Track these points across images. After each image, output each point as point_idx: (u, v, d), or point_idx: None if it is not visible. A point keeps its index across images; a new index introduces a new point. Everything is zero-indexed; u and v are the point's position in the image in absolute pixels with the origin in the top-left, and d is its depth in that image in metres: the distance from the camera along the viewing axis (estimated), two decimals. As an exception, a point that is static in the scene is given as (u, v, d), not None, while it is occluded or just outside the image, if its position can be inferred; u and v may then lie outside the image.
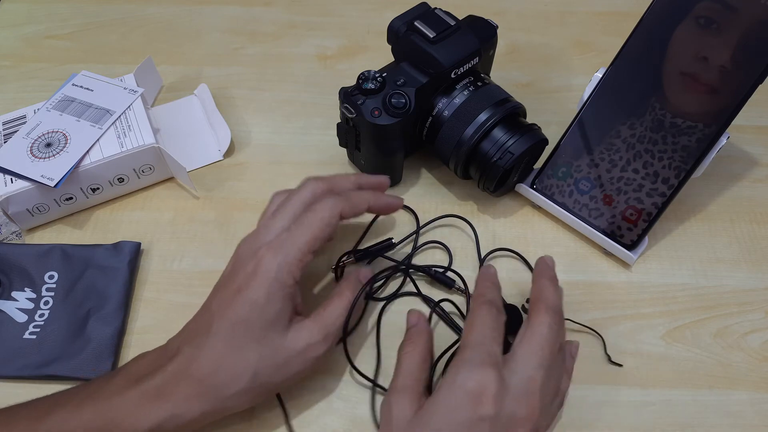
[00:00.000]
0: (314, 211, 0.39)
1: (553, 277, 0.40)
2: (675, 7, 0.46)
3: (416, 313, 0.41)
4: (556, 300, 0.38)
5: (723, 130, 0.45)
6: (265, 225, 0.40)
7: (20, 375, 0.42)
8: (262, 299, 0.37)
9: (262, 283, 0.37)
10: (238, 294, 0.37)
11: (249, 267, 0.38)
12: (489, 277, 0.40)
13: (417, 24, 0.47)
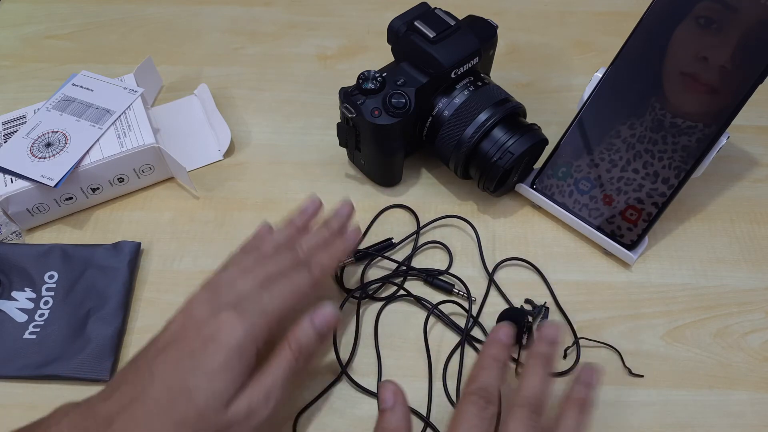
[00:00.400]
0: (290, 279, 0.37)
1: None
2: (675, 7, 0.46)
3: (391, 389, 0.35)
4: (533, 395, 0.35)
5: (723, 130, 0.45)
6: (230, 281, 0.37)
7: (20, 375, 0.42)
8: (217, 367, 0.33)
9: (221, 351, 0.33)
10: (190, 358, 0.33)
11: (207, 329, 0.34)
12: (493, 347, 0.36)
13: (417, 24, 0.47)
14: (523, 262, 0.48)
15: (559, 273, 0.47)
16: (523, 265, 0.48)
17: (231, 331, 0.34)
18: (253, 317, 0.35)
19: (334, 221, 0.44)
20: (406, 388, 0.42)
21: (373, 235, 0.50)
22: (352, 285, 0.47)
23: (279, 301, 0.36)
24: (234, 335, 0.34)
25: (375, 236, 0.49)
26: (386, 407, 0.35)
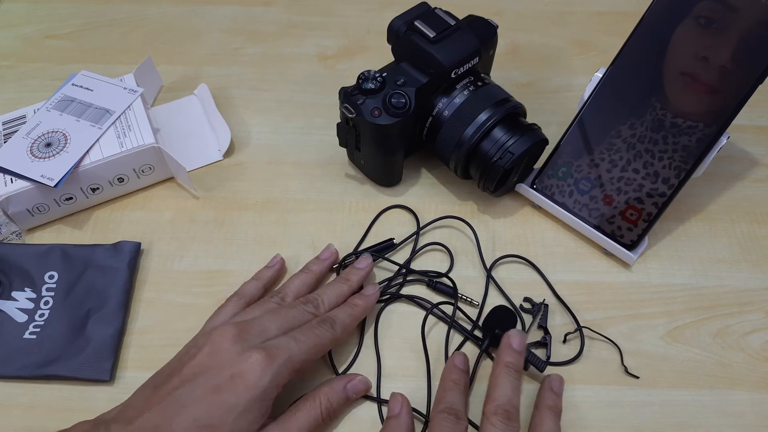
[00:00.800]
0: (316, 335, 0.39)
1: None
2: (675, 7, 0.46)
3: (398, 399, 0.39)
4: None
5: (723, 130, 0.45)
6: (261, 324, 0.39)
7: (20, 375, 0.42)
8: (242, 407, 0.34)
9: (249, 391, 0.35)
10: (217, 394, 0.34)
11: (236, 367, 0.35)
12: (452, 373, 0.39)
13: (417, 24, 0.47)
14: (522, 261, 0.48)
15: (559, 273, 0.47)
16: (523, 264, 0.48)
17: (260, 374, 0.35)
18: (280, 363, 0.36)
19: (354, 276, 0.44)
20: (407, 388, 0.42)
21: (373, 236, 0.50)
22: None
23: (305, 353, 0.38)
24: (263, 378, 0.35)
25: (375, 236, 0.49)
26: (392, 415, 0.38)
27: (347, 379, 0.41)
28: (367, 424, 0.41)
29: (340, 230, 0.50)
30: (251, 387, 0.35)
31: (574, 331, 0.44)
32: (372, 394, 0.42)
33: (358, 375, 0.42)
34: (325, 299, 0.42)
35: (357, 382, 0.41)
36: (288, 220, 0.51)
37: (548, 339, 0.43)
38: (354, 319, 0.42)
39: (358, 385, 0.41)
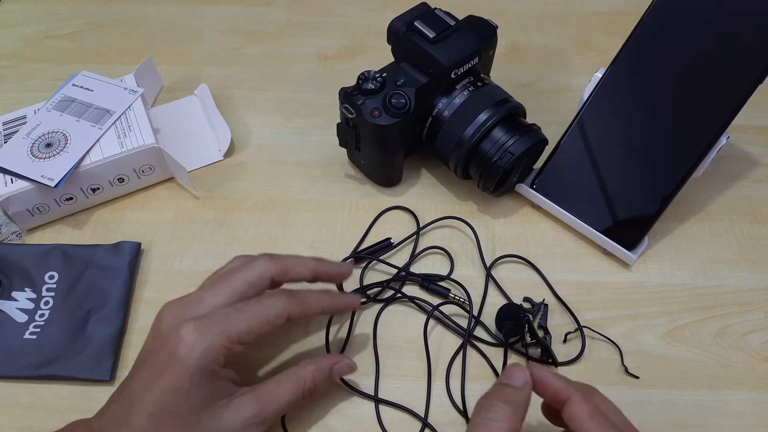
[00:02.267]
0: (261, 305, 0.36)
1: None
2: (675, 6, 0.46)
3: (523, 373, 0.34)
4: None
5: (723, 130, 0.45)
6: (199, 296, 0.36)
7: (20, 375, 0.42)
8: (185, 386, 0.33)
9: (184, 370, 0.33)
10: (159, 378, 0.33)
11: (170, 344, 0.34)
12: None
13: (417, 24, 0.47)
14: (522, 261, 0.48)
15: (559, 273, 0.47)
16: (522, 264, 0.48)
17: (190, 350, 0.33)
18: (213, 335, 0.34)
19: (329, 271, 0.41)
20: (406, 389, 0.42)
21: (373, 236, 0.50)
22: (352, 286, 0.47)
23: (245, 323, 0.35)
24: (193, 354, 0.33)
25: (375, 236, 0.49)
26: (514, 385, 0.33)
27: (334, 361, 0.39)
28: (367, 424, 0.41)
29: (340, 230, 0.50)
30: (185, 365, 0.33)
31: (575, 331, 0.44)
32: (370, 393, 0.42)
33: (345, 358, 0.40)
34: (295, 264, 0.39)
35: (344, 366, 0.40)
36: (288, 220, 0.51)
37: (548, 339, 0.43)
38: (318, 302, 0.38)
39: (344, 369, 0.40)
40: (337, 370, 0.39)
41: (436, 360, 0.43)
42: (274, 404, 0.36)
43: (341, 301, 0.41)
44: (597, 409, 0.32)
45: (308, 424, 0.41)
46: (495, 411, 0.32)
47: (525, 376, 0.33)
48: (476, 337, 0.44)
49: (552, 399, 0.34)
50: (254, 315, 0.35)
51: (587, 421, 0.31)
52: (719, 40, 0.45)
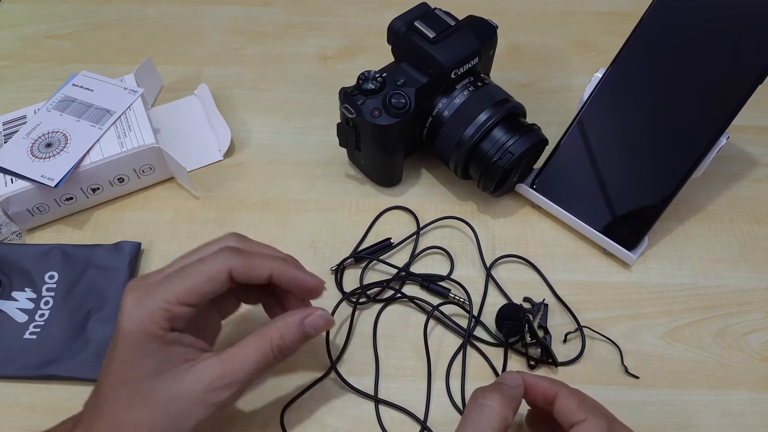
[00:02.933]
0: (201, 262, 0.34)
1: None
2: (675, 6, 0.46)
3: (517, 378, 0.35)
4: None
5: (723, 130, 0.45)
6: (155, 273, 0.36)
7: (20, 375, 0.42)
8: (131, 354, 0.32)
9: (126, 339, 0.33)
10: (112, 351, 0.33)
11: (118, 318, 0.33)
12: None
13: (417, 24, 0.47)
14: (521, 260, 0.48)
15: (559, 273, 0.47)
16: (522, 264, 0.48)
17: (127, 317, 0.33)
18: (149, 298, 0.33)
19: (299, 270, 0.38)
20: (406, 389, 0.42)
21: (373, 236, 0.50)
22: (351, 286, 0.47)
23: (182, 285, 0.34)
24: (130, 321, 0.33)
25: (375, 236, 0.49)
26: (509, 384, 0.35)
27: (304, 314, 0.36)
28: (367, 424, 0.41)
29: (340, 230, 0.50)
30: (125, 333, 0.33)
31: (575, 331, 0.44)
32: (369, 392, 0.42)
33: (318, 309, 0.37)
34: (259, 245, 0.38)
35: (316, 317, 0.36)
36: (288, 220, 0.51)
37: (548, 339, 0.43)
38: (266, 264, 0.36)
39: (316, 320, 0.36)
40: (310, 323, 0.36)
41: (436, 360, 0.43)
42: (238, 365, 0.34)
43: (293, 273, 0.37)
44: (584, 399, 0.34)
45: (308, 424, 0.41)
46: (489, 397, 0.33)
47: (518, 380, 0.35)
48: (476, 337, 0.44)
49: (542, 399, 0.35)
50: (193, 273, 0.34)
51: (576, 410, 0.33)
52: (719, 40, 0.45)
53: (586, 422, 0.32)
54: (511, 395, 0.34)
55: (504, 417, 0.32)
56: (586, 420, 0.32)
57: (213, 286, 0.34)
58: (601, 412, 0.33)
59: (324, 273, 0.47)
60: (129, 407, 0.32)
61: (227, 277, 0.34)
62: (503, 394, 0.33)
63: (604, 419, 0.32)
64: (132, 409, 0.32)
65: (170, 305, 0.33)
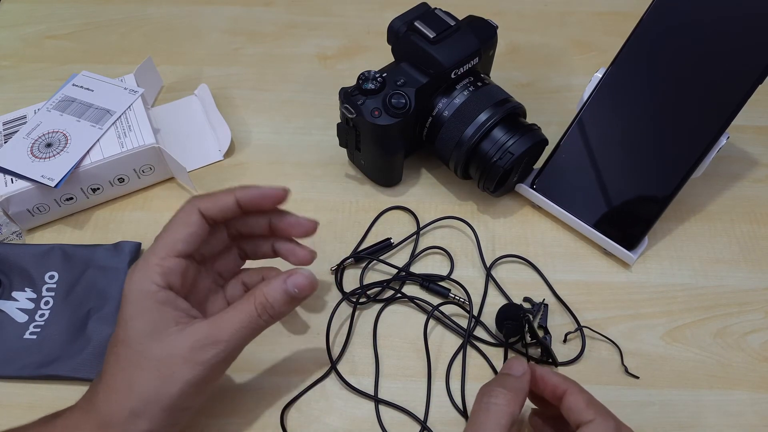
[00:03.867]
0: (174, 217, 0.37)
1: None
2: (675, 7, 0.46)
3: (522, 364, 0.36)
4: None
5: (723, 130, 0.45)
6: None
7: (20, 375, 0.42)
8: (130, 313, 0.35)
9: (128, 298, 0.35)
10: (118, 317, 0.36)
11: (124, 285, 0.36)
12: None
13: (417, 24, 0.47)
14: (521, 260, 0.48)
15: (559, 273, 0.47)
16: (522, 264, 0.48)
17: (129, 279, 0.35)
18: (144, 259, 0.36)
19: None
20: (406, 389, 0.42)
21: (373, 236, 0.50)
22: (351, 286, 0.47)
23: (165, 238, 0.36)
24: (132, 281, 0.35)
25: (375, 236, 0.49)
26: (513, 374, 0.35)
27: (288, 274, 0.37)
28: (368, 424, 0.41)
29: (340, 230, 0.50)
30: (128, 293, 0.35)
31: (575, 331, 0.44)
32: (369, 392, 0.42)
33: (302, 269, 0.38)
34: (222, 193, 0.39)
35: (298, 275, 0.37)
36: (288, 220, 0.51)
37: (549, 339, 0.43)
38: (229, 192, 0.38)
39: (299, 279, 0.37)
40: (293, 281, 0.37)
41: (436, 360, 0.43)
42: (225, 326, 0.35)
43: (258, 188, 0.38)
44: (592, 398, 0.34)
45: (308, 424, 0.41)
46: (496, 395, 0.33)
47: (524, 367, 0.35)
48: (476, 337, 0.44)
49: (551, 394, 0.35)
50: (170, 227, 0.37)
51: (585, 409, 0.33)
52: (719, 40, 0.45)
53: (594, 423, 0.32)
54: (517, 388, 0.34)
55: (511, 413, 0.33)
56: (594, 421, 0.32)
57: (190, 228, 0.37)
58: (609, 413, 0.33)
59: (324, 273, 0.48)
60: (124, 368, 0.34)
61: (200, 217, 0.37)
62: (509, 390, 0.34)
63: (612, 421, 0.32)
64: (126, 370, 0.34)
65: (161, 260, 0.36)
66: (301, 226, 0.40)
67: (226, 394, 0.42)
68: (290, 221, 0.40)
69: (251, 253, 0.42)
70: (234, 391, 0.42)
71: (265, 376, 0.43)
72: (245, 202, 0.38)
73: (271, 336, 0.44)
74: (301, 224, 0.40)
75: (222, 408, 0.41)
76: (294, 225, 0.40)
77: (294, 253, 0.41)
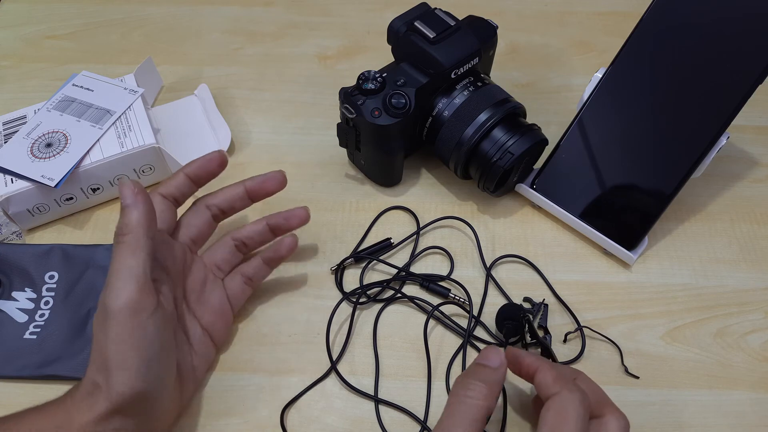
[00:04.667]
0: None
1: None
2: (675, 7, 0.46)
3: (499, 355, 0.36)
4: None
5: (723, 130, 0.45)
6: None
7: (20, 375, 0.42)
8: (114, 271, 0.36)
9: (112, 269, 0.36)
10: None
11: None
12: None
13: (417, 24, 0.47)
14: (521, 261, 0.48)
15: (559, 273, 0.47)
16: (523, 264, 0.48)
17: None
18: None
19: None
20: (406, 389, 0.42)
21: (373, 236, 0.50)
22: (351, 286, 0.47)
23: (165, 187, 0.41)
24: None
25: (375, 237, 0.49)
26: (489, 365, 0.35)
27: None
28: (367, 424, 0.41)
29: (340, 230, 0.50)
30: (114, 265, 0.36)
31: (575, 331, 0.44)
32: (369, 392, 0.42)
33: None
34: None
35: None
36: (288, 220, 0.51)
37: (549, 339, 0.43)
38: (178, 170, 0.42)
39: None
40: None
41: (436, 360, 0.43)
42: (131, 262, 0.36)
43: (199, 162, 0.43)
44: (561, 374, 0.35)
45: (308, 424, 0.41)
46: (472, 389, 0.34)
47: (500, 358, 0.36)
48: (476, 337, 0.44)
49: (525, 374, 0.36)
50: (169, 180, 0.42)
51: (552, 384, 0.34)
52: (719, 40, 0.45)
53: (559, 395, 0.33)
54: (493, 380, 0.35)
55: (486, 407, 0.33)
56: (559, 393, 0.33)
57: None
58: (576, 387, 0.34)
59: (324, 273, 0.48)
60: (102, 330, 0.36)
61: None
62: (485, 383, 0.34)
63: (577, 393, 0.33)
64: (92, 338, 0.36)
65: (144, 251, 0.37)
66: (296, 216, 0.45)
67: (226, 394, 0.42)
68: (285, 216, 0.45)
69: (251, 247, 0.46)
70: (234, 391, 0.42)
71: (265, 376, 0.43)
72: (192, 175, 0.42)
73: (272, 336, 0.44)
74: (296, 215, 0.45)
75: (222, 408, 0.41)
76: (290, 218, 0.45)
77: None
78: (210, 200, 0.43)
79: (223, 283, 0.43)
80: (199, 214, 0.43)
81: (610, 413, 0.34)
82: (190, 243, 0.43)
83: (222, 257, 0.44)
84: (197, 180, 0.43)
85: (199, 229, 0.43)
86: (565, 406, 0.33)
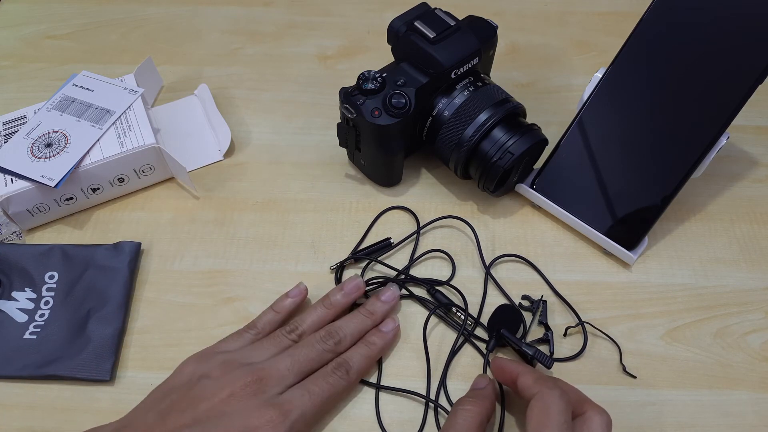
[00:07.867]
0: (329, 385, 0.39)
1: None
2: (675, 7, 0.46)
3: (485, 378, 0.40)
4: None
5: (723, 130, 0.45)
6: (276, 367, 0.39)
7: (20, 375, 0.42)
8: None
9: None
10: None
11: (250, 421, 0.36)
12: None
13: (417, 24, 0.47)
14: (521, 260, 0.48)
15: (559, 273, 0.47)
16: (523, 264, 0.48)
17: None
18: (293, 420, 0.37)
19: (379, 310, 0.44)
20: (406, 388, 0.42)
21: (373, 236, 0.50)
22: (352, 285, 0.47)
23: (318, 407, 0.38)
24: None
25: (375, 236, 0.49)
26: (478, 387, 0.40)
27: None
28: (368, 424, 0.41)
29: (340, 230, 0.50)
30: None
31: (576, 326, 0.44)
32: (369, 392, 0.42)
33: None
34: (348, 336, 0.42)
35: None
36: (288, 220, 0.51)
37: (550, 335, 0.43)
38: (370, 360, 0.42)
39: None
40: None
41: (436, 360, 0.43)
42: None
43: (386, 344, 0.43)
44: (542, 376, 0.37)
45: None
46: (468, 403, 0.38)
47: (486, 380, 0.40)
48: (476, 336, 0.44)
49: (509, 380, 0.39)
50: (325, 395, 0.39)
51: (532, 385, 0.36)
52: (719, 40, 0.45)
53: (539, 394, 0.35)
54: (483, 396, 0.39)
55: (480, 417, 0.37)
56: (539, 392, 0.35)
57: (336, 404, 0.42)
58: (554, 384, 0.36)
59: (324, 273, 0.48)
60: None
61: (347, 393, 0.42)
62: (477, 398, 0.38)
63: (556, 390, 0.35)
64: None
65: (307, 426, 0.39)
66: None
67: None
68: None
69: None
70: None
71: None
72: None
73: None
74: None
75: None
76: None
77: None
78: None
79: None
80: None
81: (591, 409, 0.35)
82: None
83: None
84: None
85: None
86: (546, 403, 0.34)
